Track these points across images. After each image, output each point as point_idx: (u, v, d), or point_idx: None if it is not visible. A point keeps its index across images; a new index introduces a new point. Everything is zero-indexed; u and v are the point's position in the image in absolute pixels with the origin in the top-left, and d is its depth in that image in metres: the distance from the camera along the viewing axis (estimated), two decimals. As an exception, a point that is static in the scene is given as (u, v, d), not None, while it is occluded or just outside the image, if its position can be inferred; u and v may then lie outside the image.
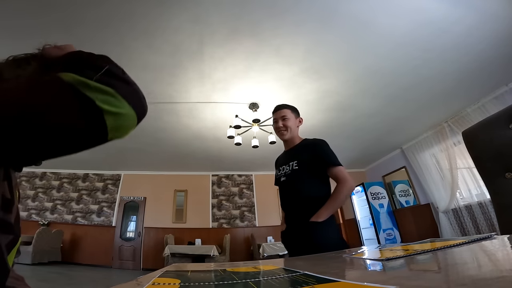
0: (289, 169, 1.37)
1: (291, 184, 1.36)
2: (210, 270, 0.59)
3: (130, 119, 0.42)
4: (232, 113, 3.91)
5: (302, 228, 1.24)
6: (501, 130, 0.88)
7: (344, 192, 1.28)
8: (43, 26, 2.42)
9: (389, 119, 4.64)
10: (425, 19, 2.55)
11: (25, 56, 0.58)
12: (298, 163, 1.35)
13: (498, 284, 0.21)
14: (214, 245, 5.51)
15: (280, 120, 1.45)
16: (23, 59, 0.57)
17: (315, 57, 3.01)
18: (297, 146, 1.46)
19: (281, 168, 1.44)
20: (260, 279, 0.40)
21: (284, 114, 1.46)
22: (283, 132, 1.45)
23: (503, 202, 0.89)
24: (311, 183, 1.31)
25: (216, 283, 0.39)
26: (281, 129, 1.44)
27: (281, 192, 1.42)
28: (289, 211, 1.36)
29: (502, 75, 3.54)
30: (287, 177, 1.38)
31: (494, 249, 0.47)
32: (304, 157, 1.35)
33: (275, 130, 1.49)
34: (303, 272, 0.42)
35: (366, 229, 6.46)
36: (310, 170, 1.32)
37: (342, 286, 0.29)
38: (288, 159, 1.42)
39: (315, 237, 1.20)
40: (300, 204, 1.30)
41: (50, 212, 6.30)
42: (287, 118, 1.45)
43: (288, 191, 1.37)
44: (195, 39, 2.67)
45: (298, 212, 1.29)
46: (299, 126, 1.53)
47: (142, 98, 0.46)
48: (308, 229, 1.22)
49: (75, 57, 0.48)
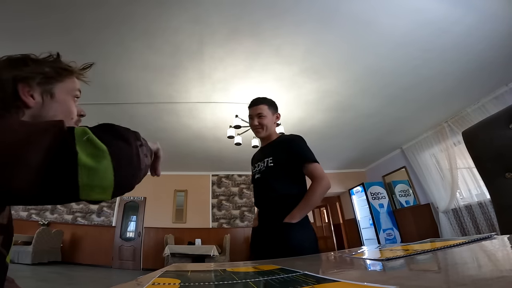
0: (264, 166, 1.32)
1: (265, 181, 1.30)
2: (210, 270, 0.59)
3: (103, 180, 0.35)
4: (232, 113, 3.91)
5: (275, 228, 1.19)
6: (501, 130, 0.88)
7: (319, 191, 1.22)
8: (43, 28, 2.42)
9: (389, 119, 4.64)
10: (425, 19, 2.54)
11: (22, 57, 0.57)
12: (273, 159, 1.30)
13: (498, 284, 0.21)
14: (214, 245, 5.50)
15: (256, 117, 1.38)
16: (20, 59, 0.57)
17: (315, 57, 3.01)
18: (273, 142, 1.40)
19: (257, 165, 1.38)
20: (260, 279, 0.40)
21: (260, 111, 1.38)
22: (258, 130, 1.39)
23: (503, 202, 0.89)
24: (286, 181, 1.26)
25: (216, 283, 0.39)
26: (257, 127, 1.38)
27: (256, 190, 1.37)
28: (263, 210, 1.31)
29: (502, 75, 3.54)
30: (261, 174, 1.32)
31: (494, 249, 0.47)
32: (279, 154, 1.30)
33: (251, 127, 1.43)
34: (303, 272, 0.42)
35: (366, 229, 6.46)
36: (285, 167, 1.28)
37: (342, 286, 0.29)
38: (263, 155, 1.36)
39: (289, 239, 1.14)
40: (274, 203, 1.25)
41: (50, 212, 6.30)
42: (263, 115, 1.38)
43: (262, 189, 1.31)
44: (195, 39, 2.67)
45: (272, 211, 1.24)
46: (276, 122, 1.47)
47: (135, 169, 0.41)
48: (282, 231, 1.16)
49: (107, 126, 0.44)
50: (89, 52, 2.70)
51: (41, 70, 0.57)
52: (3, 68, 0.54)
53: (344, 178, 7.58)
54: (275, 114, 1.45)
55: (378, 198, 6.34)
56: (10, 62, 0.56)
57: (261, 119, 1.38)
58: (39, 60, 0.59)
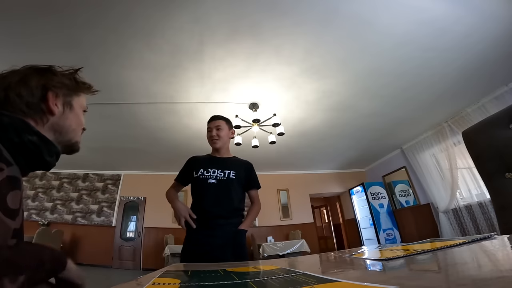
0: (224, 175, 1.47)
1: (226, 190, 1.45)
2: (210, 270, 0.59)
3: None
4: (232, 113, 3.91)
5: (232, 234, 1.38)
6: (501, 130, 0.88)
7: (258, 211, 1.56)
8: (41, 27, 2.42)
9: (389, 119, 4.64)
10: (425, 19, 2.54)
11: (48, 67, 0.60)
12: (235, 174, 1.49)
13: (498, 284, 0.21)
14: (214, 245, 5.49)
15: (215, 129, 1.56)
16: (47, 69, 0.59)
17: (315, 57, 3.01)
18: (232, 159, 1.60)
19: (211, 170, 1.48)
20: (260, 279, 0.40)
21: (218, 124, 1.57)
22: (215, 141, 1.55)
23: (503, 202, 0.89)
24: (240, 196, 1.49)
25: (216, 283, 0.39)
26: (214, 138, 1.54)
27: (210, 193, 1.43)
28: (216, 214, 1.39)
29: (502, 75, 3.54)
30: (219, 182, 1.45)
31: (494, 249, 0.47)
32: (241, 173, 1.52)
33: (208, 139, 1.59)
34: (303, 272, 0.42)
35: (366, 229, 6.46)
36: (241, 185, 1.52)
37: (342, 286, 0.29)
38: (222, 166, 1.50)
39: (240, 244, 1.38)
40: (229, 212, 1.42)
41: (50, 212, 6.30)
42: (221, 128, 1.56)
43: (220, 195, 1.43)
44: (195, 39, 2.67)
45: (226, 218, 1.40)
46: (230, 138, 1.64)
47: None
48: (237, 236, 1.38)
49: None
50: (89, 51, 2.70)
51: (66, 82, 0.61)
52: (30, 75, 0.56)
53: (344, 178, 7.59)
54: (230, 130, 1.64)
55: (378, 198, 6.34)
56: (37, 71, 0.58)
57: (219, 131, 1.56)
58: (63, 72, 0.62)
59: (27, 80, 0.55)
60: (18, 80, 0.54)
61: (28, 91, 0.54)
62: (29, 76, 0.56)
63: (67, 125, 0.60)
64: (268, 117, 3.92)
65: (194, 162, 1.57)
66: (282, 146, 5.14)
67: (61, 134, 0.59)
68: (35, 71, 0.58)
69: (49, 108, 0.56)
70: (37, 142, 0.51)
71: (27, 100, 0.53)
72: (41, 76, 0.57)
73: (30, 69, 0.58)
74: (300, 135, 4.98)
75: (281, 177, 7.29)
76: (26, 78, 0.55)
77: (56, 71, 0.61)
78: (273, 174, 7.24)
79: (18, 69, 0.57)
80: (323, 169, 7.54)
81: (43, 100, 0.55)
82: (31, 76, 0.56)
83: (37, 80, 0.56)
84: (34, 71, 0.58)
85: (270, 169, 7.08)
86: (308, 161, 6.68)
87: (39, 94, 0.55)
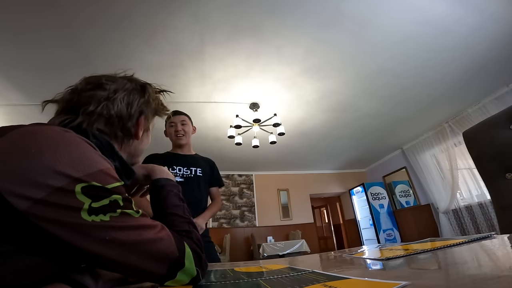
0: (190, 173, 1.45)
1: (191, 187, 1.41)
2: (218, 270, 0.59)
3: None
4: (233, 113, 3.91)
5: None
6: (501, 131, 0.88)
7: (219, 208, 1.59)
8: (40, 25, 2.41)
9: (390, 120, 4.64)
10: (426, 19, 2.54)
11: (145, 85, 0.58)
12: (202, 171, 1.47)
13: (498, 284, 0.22)
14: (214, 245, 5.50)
15: (179, 123, 1.49)
16: (144, 88, 0.57)
17: (316, 57, 3.01)
18: (196, 157, 1.57)
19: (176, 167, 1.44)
20: (271, 277, 0.40)
21: (183, 119, 1.51)
22: (181, 137, 1.49)
23: (503, 203, 0.89)
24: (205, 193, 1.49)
25: (228, 282, 0.39)
26: (180, 133, 1.48)
27: None
28: None
29: (503, 76, 3.53)
30: (185, 179, 1.42)
31: (494, 248, 0.47)
32: (206, 170, 1.51)
33: (172, 134, 1.51)
34: (311, 270, 0.42)
35: (366, 230, 6.46)
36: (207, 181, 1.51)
37: (353, 283, 0.29)
38: (186, 163, 1.47)
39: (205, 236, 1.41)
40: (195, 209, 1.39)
41: (50, 212, 6.30)
42: (186, 123, 1.51)
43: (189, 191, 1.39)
44: (196, 38, 2.67)
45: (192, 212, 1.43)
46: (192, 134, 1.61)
47: None
48: None
49: None
50: (88, 50, 2.70)
51: (154, 107, 0.59)
52: (133, 94, 0.53)
53: (345, 178, 7.58)
54: (192, 126, 1.61)
55: (378, 199, 6.34)
56: (138, 90, 0.55)
57: (184, 126, 1.50)
58: (155, 93, 0.60)
59: (130, 101, 0.52)
60: (123, 96, 0.51)
61: (128, 113, 0.51)
62: (132, 94, 0.53)
63: (140, 149, 0.58)
64: (269, 117, 3.92)
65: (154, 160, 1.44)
66: (282, 146, 5.14)
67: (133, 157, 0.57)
68: (135, 90, 0.54)
69: (136, 133, 0.54)
70: (118, 167, 0.48)
71: (123, 123, 0.51)
72: (141, 97, 0.54)
73: (132, 83, 0.54)
74: (301, 135, 4.98)
75: (281, 177, 7.29)
76: (130, 98, 0.52)
77: (151, 92, 0.58)
78: (273, 174, 7.24)
79: (123, 79, 0.54)
80: (324, 169, 7.54)
81: (136, 122, 0.53)
82: (133, 96, 0.53)
83: (138, 102, 0.53)
84: (135, 88, 0.54)
85: (270, 169, 7.08)
86: (308, 161, 6.68)
87: (136, 118, 0.53)
